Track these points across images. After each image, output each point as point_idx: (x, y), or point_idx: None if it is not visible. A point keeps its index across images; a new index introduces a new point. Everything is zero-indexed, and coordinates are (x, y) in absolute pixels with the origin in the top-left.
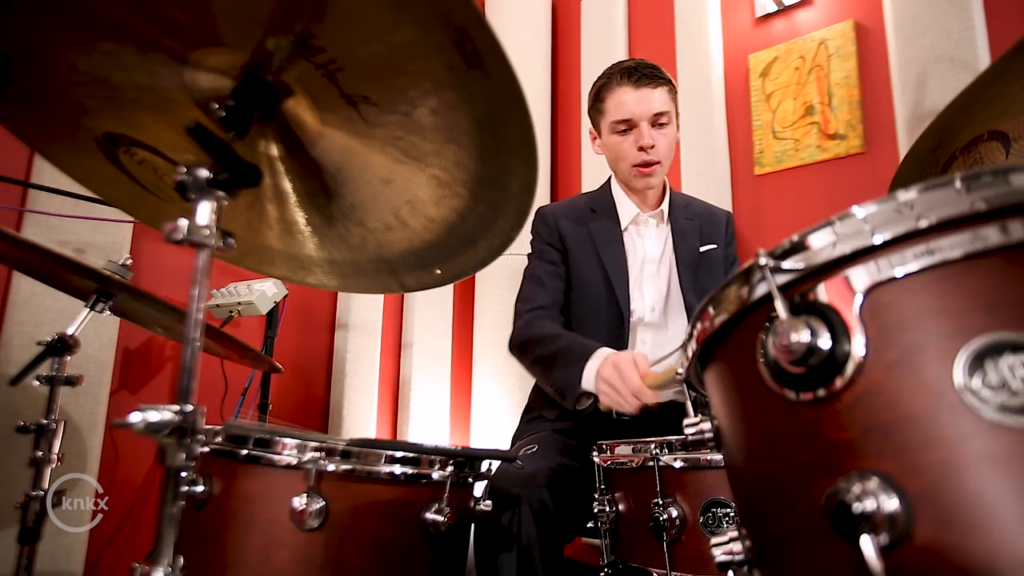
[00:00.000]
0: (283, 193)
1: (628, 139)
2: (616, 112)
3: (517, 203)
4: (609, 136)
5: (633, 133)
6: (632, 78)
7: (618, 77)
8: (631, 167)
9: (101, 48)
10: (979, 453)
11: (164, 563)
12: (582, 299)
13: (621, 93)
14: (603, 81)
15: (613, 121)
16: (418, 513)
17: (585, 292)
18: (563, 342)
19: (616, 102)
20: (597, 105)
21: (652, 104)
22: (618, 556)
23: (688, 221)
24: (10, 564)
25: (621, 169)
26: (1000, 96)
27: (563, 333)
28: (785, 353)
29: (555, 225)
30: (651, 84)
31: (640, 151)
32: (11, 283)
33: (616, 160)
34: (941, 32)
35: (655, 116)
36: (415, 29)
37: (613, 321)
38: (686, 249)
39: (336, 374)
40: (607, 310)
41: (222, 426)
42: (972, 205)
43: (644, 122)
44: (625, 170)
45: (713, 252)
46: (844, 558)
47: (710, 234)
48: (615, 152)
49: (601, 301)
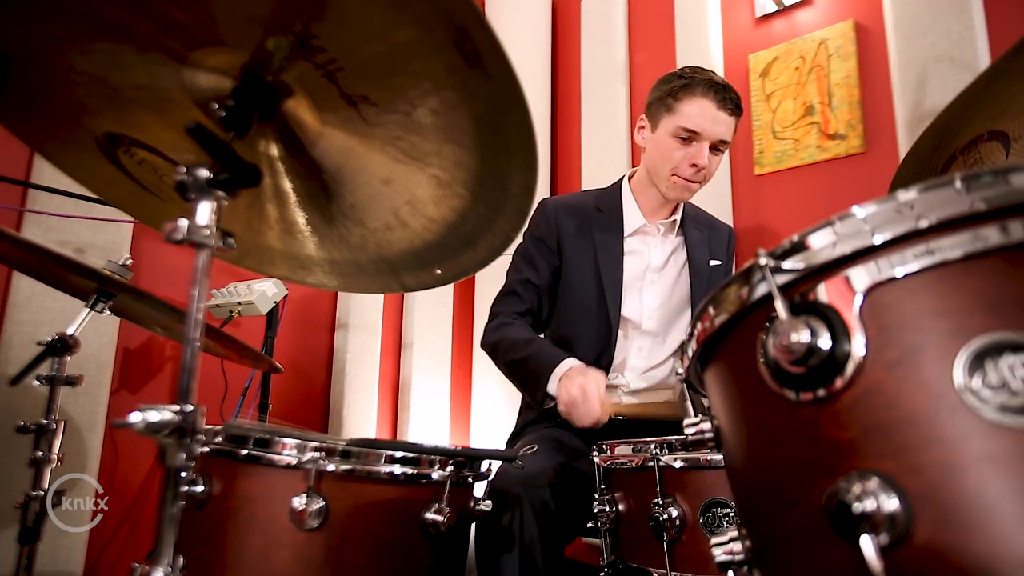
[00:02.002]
0: (283, 193)
1: (685, 150)
2: (688, 120)
3: (517, 203)
4: (667, 138)
5: (693, 146)
6: (718, 96)
7: (704, 88)
8: (672, 175)
9: (101, 48)
10: (979, 453)
11: (164, 563)
12: (573, 298)
13: (701, 105)
14: (685, 83)
15: (680, 126)
16: (418, 513)
17: (576, 292)
18: (534, 347)
19: (692, 111)
20: (667, 101)
21: (723, 129)
22: (618, 556)
23: (699, 232)
24: (10, 564)
25: (661, 172)
26: (1000, 96)
27: (534, 339)
28: (785, 353)
29: (555, 221)
30: (731, 112)
31: (692, 166)
32: (11, 283)
33: (661, 161)
34: (941, 32)
35: (720, 142)
36: (415, 29)
37: (602, 326)
38: (699, 259)
39: (336, 374)
40: (597, 314)
41: (222, 426)
42: (972, 205)
43: (707, 142)
44: (665, 174)
45: (718, 268)
46: (844, 558)
47: (716, 249)
48: (665, 154)
49: (591, 304)
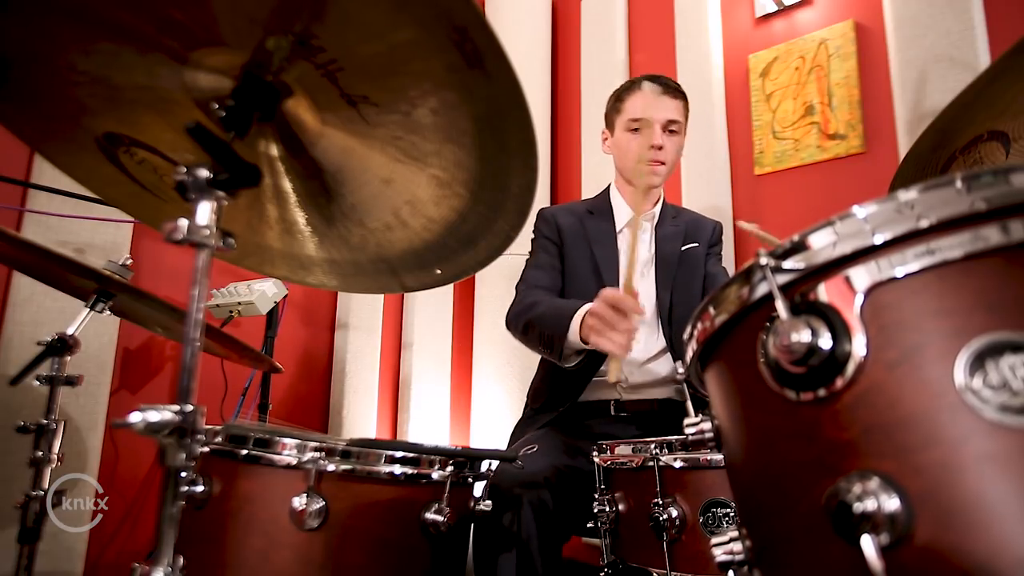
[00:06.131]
0: (283, 193)
1: (639, 138)
2: (632, 111)
3: (517, 203)
4: (621, 134)
5: (644, 133)
6: (657, 84)
7: (642, 81)
8: (636, 163)
9: (101, 48)
10: (980, 453)
11: (164, 563)
12: (574, 290)
13: (641, 95)
14: (627, 85)
15: (628, 119)
16: (418, 513)
17: (577, 284)
18: (554, 301)
19: (634, 103)
20: (617, 106)
21: (668, 110)
22: (618, 556)
23: (674, 227)
24: (10, 564)
25: (627, 166)
26: (1000, 96)
27: (556, 299)
28: (786, 353)
29: (554, 222)
30: (670, 94)
31: (649, 149)
32: (11, 283)
33: (623, 156)
34: (941, 32)
35: (668, 122)
36: (415, 29)
37: None
38: (665, 250)
39: (336, 374)
40: None
41: (222, 426)
42: (972, 205)
43: (657, 125)
44: (631, 166)
45: (695, 249)
46: (844, 558)
47: (693, 235)
48: (624, 148)
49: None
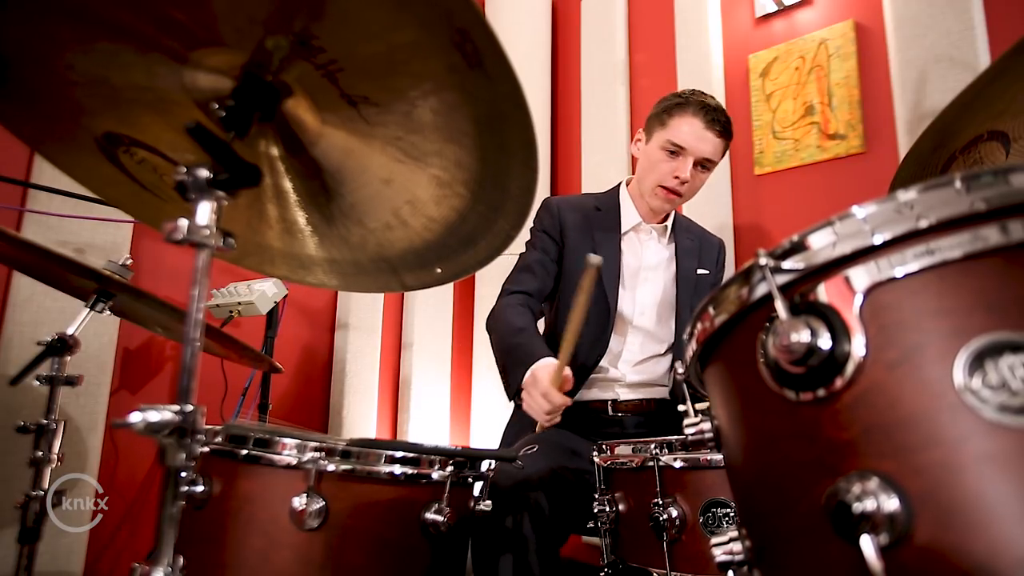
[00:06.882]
0: (283, 193)
1: (671, 163)
2: (676, 135)
3: (517, 203)
4: (657, 150)
5: (678, 160)
6: (708, 117)
7: (695, 108)
8: (657, 185)
9: (100, 48)
10: (979, 453)
11: (164, 563)
12: (569, 292)
13: (690, 123)
14: (679, 102)
15: (669, 140)
16: (418, 513)
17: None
18: (521, 338)
19: (682, 127)
20: (662, 117)
21: (708, 149)
22: (618, 556)
23: (690, 241)
24: (10, 564)
25: (647, 181)
26: (1000, 96)
27: (525, 328)
28: (785, 353)
29: (558, 215)
30: (718, 133)
31: (675, 178)
32: (11, 283)
33: (648, 171)
34: (941, 32)
35: (704, 159)
36: (415, 29)
37: (600, 317)
38: (687, 266)
39: (336, 374)
40: (595, 306)
41: (222, 426)
42: (972, 205)
43: (692, 158)
44: (650, 184)
45: (705, 277)
46: (844, 558)
47: (705, 259)
48: (651, 165)
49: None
